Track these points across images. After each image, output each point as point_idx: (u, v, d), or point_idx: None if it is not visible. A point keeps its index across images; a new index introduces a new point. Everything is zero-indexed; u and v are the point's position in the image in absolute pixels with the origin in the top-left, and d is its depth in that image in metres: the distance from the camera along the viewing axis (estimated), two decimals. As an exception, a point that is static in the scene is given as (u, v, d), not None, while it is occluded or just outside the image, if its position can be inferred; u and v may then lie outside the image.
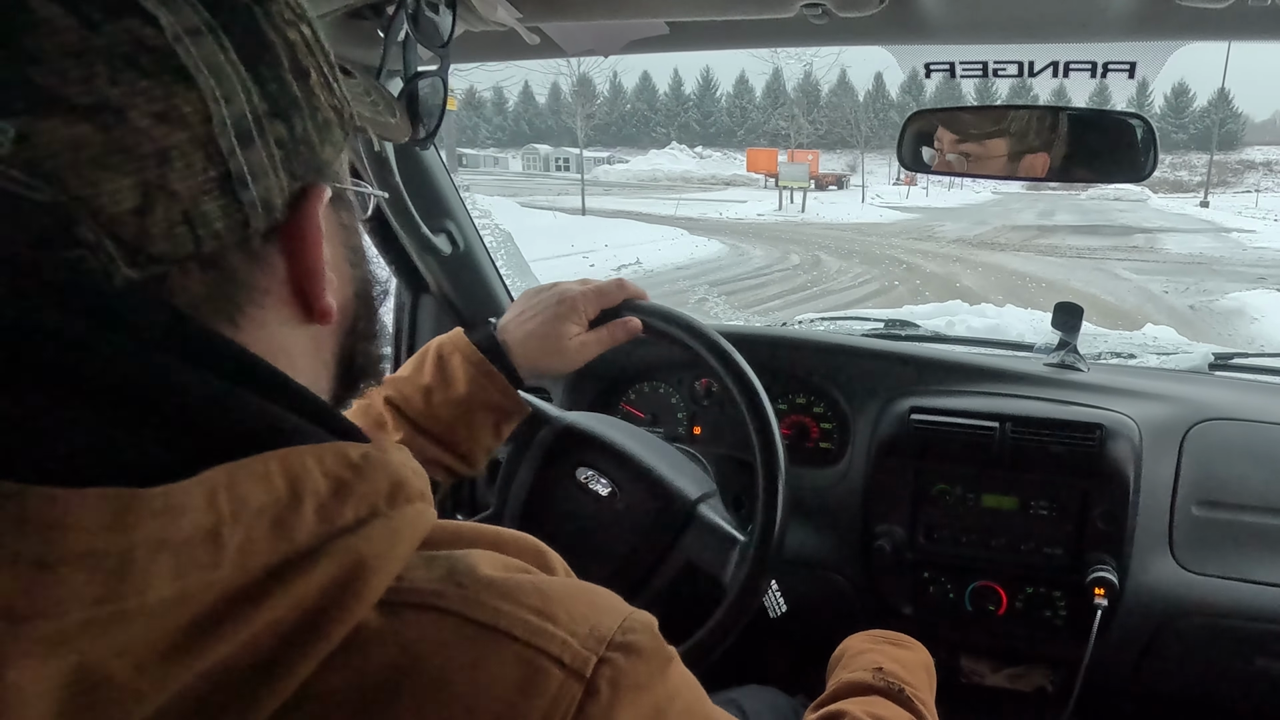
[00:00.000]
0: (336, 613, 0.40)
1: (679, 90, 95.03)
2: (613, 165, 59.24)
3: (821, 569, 1.61)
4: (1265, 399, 1.57)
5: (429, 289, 1.71)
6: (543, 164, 67.57)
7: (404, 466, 0.46)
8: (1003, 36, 1.05)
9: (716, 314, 9.67)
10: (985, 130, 1.24)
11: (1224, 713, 1.69)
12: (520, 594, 0.45)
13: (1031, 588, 1.50)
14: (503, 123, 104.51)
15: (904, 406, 1.54)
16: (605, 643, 0.46)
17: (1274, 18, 0.87)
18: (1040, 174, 1.24)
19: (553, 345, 1.07)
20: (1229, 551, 1.44)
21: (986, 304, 3.56)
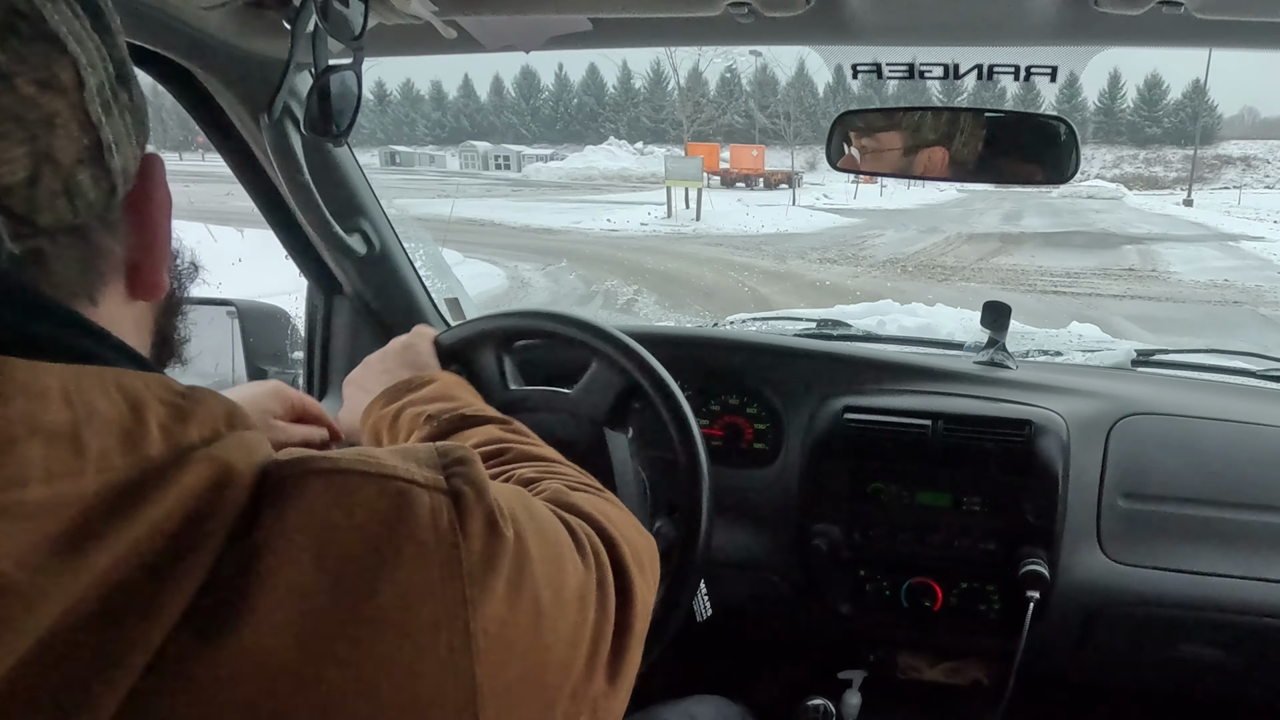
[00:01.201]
0: (218, 510, 0.42)
1: (629, 84, 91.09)
2: (547, 164, 55.08)
3: (759, 570, 1.63)
4: (1186, 394, 1.66)
5: (343, 290, 1.68)
6: (481, 162, 65.47)
7: (232, 401, 0.48)
8: (929, 39, 1.06)
9: (646, 314, 9.32)
10: (878, 125, 1.27)
11: (1151, 698, 1.84)
12: (349, 451, 0.49)
13: (966, 583, 1.55)
14: (442, 119, 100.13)
15: (838, 406, 1.57)
16: (437, 464, 0.50)
17: (1187, 25, 0.91)
18: (941, 169, 1.26)
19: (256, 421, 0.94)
20: (1154, 542, 1.51)
21: (917, 303, 3.46)
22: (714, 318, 2.63)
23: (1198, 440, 1.55)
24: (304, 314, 1.76)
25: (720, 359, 1.72)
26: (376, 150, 79.50)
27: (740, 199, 29.78)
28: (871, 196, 33.75)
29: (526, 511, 0.56)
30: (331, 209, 1.40)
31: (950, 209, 31.77)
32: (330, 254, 1.58)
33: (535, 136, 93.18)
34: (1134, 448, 1.55)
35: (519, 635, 0.50)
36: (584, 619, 0.57)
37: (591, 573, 0.60)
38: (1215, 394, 1.69)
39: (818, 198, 33.14)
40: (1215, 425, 1.56)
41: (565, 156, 60.88)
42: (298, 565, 0.42)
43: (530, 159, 62.42)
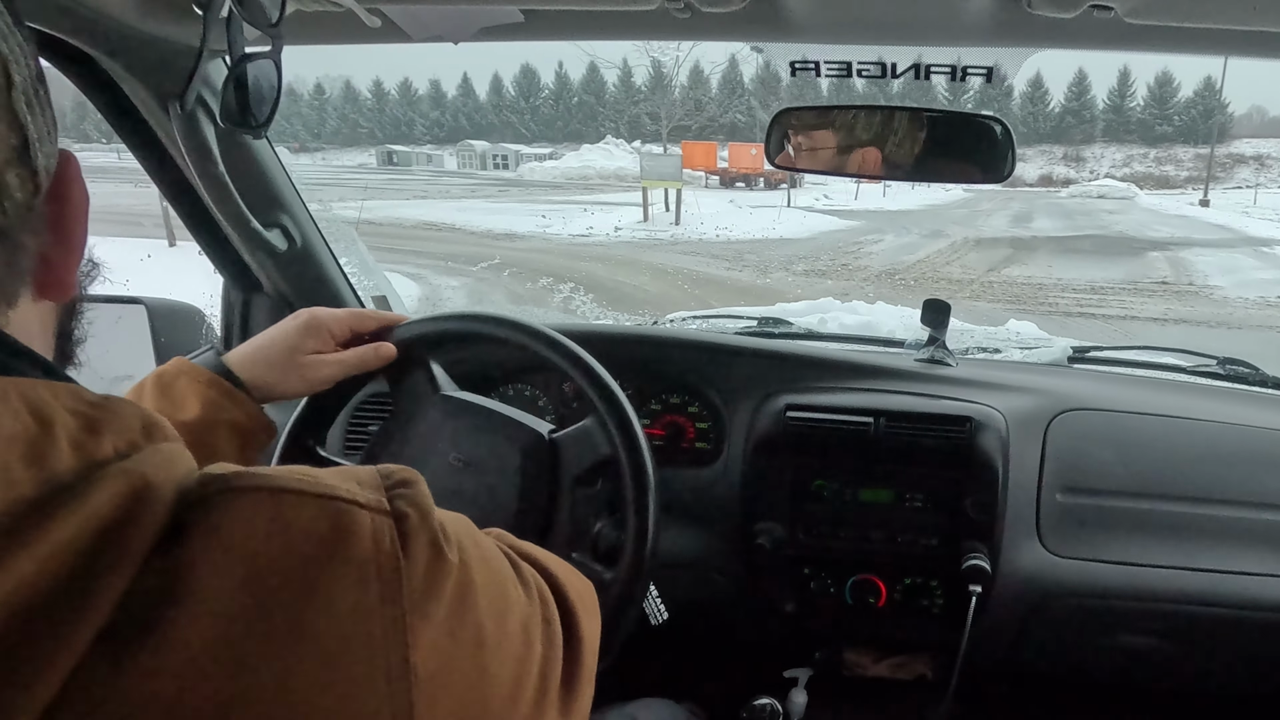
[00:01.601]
0: (134, 527, 0.40)
1: (629, 82, 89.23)
2: (542, 163, 53.34)
3: (702, 570, 1.63)
4: (1120, 389, 1.70)
5: (262, 288, 1.65)
6: (479, 161, 65.26)
7: (153, 412, 0.47)
8: (866, 37, 1.07)
9: (584, 313, 8.56)
10: (816, 123, 1.28)
11: (1091, 687, 1.91)
12: (284, 471, 0.47)
13: (909, 578, 1.57)
14: (440, 118, 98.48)
15: (779, 404, 1.58)
16: (380, 485, 0.49)
17: (1118, 29, 0.92)
18: (874, 169, 1.28)
19: (283, 362, 1.04)
20: (1092, 535, 1.54)
21: (858, 301, 3.49)
22: (653, 316, 2.46)
23: (1132, 435, 1.59)
24: (220, 313, 1.71)
25: (660, 357, 1.69)
26: (374, 150, 78.06)
27: (733, 200, 27.60)
28: (873, 197, 31.72)
29: (471, 538, 0.55)
30: (249, 203, 1.37)
31: (955, 210, 29.84)
32: (248, 250, 1.53)
33: (535, 136, 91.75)
34: (1071, 443, 1.58)
35: (460, 665, 0.48)
36: (529, 652, 0.56)
37: (535, 606, 0.59)
38: (1148, 389, 1.73)
39: (817, 198, 30.96)
40: (1148, 420, 1.61)
41: (563, 156, 59.26)
42: (222, 588, 0.40)
43: (528, 158, 61.29)
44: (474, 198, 28.79)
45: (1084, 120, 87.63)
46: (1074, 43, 1.02)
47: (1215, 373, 1.84)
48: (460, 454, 1.13)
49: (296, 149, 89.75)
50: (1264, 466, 1.55)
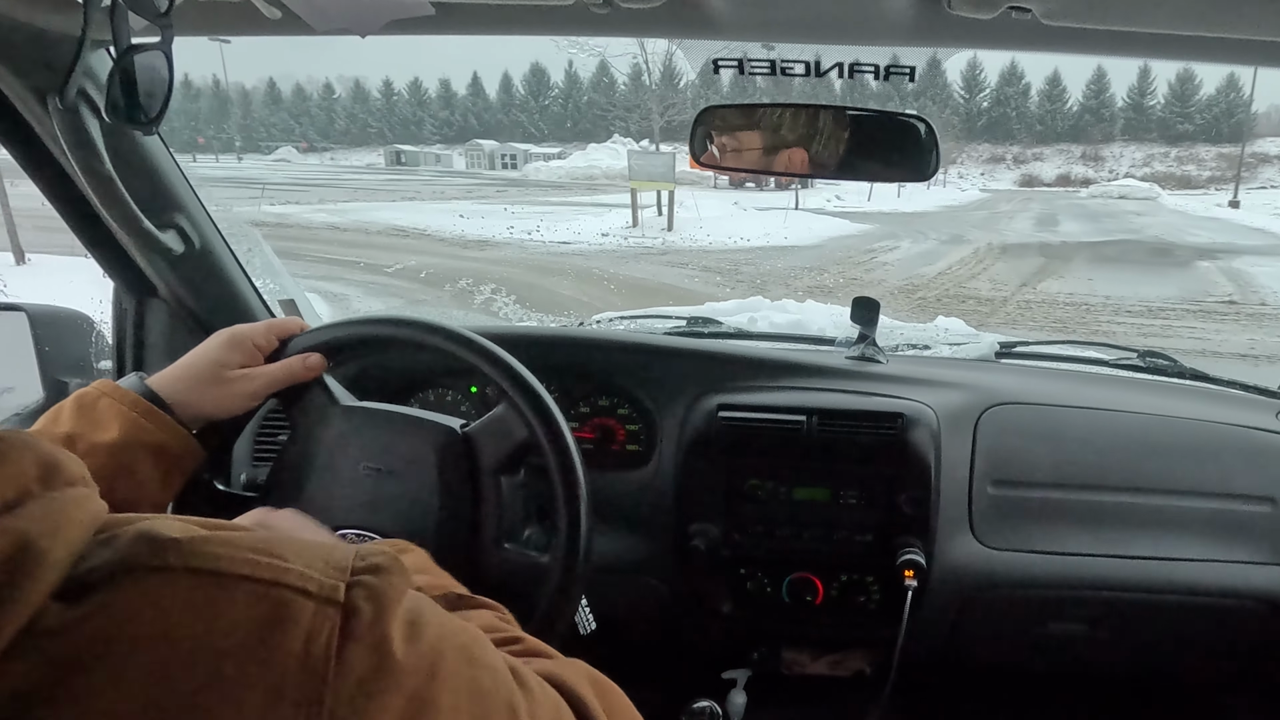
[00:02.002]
0: (7, 599, 0.36)
1: (639, 80, 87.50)
2: (548, 163, 51.76)
3: (636, 574, 1.62)
4: (1046, 383, 1.73)
5: (157, 292, 1.57)
6: (487, 161, 64.52)
7: (56, 451, 0.44)
8: (788, 35, 1.06)
9: (506, 314, 7.88)
10: (737, 123, 1.27)
11: (1024, 675, 1.93)
12: (237, 541, 0.43)
13: (846, 575, 1.58)
14: (450, 117, 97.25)
15: (711, 404, 1.57)
16: (348, 570, 0.45)
17: (1035, 30, 0.93)
18: (800, 169, 1.28)
19: (210, 380, 1.02)
20: (1022, 527, 1.58)
21: (788, 299, 3.44)
22: (579, 316, 2.41)
23: (1058, 427, 1.61)
24: (111, 319, 1.62)
25: (588, 359, 1.67)
26: (382, 149, 76.89)
27: (738, 201, 25.44)
28: (888, 198, 29.73)
29: (463, 656, 0.49)
30: (141, 203, 1.31)
31: (973, 211, 28.80)
32: (141, 252, 1.46)
33: (544, 135, 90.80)
34: (1000, 436, 1.60)
35: None
36: None
37: None
38: (1073, 383, 1.76)
39: (829, 199, 28.95)
40: (1074, 412, 1.64)
41: (570, 155, 57.67)
42: (113, 687, 0.36)
43: (537, 158, 59.69)
44: (469, 199, 27.25)
45: (1103, 119, 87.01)
46: (994, 43, 1.03)
47: (1136, 365, 1.89)
48: (372, 462, 1.09)
49: (305, 149, 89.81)
50: (1183, 455, 1.60)
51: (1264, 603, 1.57)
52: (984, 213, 27.90)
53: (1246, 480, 1.59)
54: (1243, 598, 1.57)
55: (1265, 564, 1.57)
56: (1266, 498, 1.58)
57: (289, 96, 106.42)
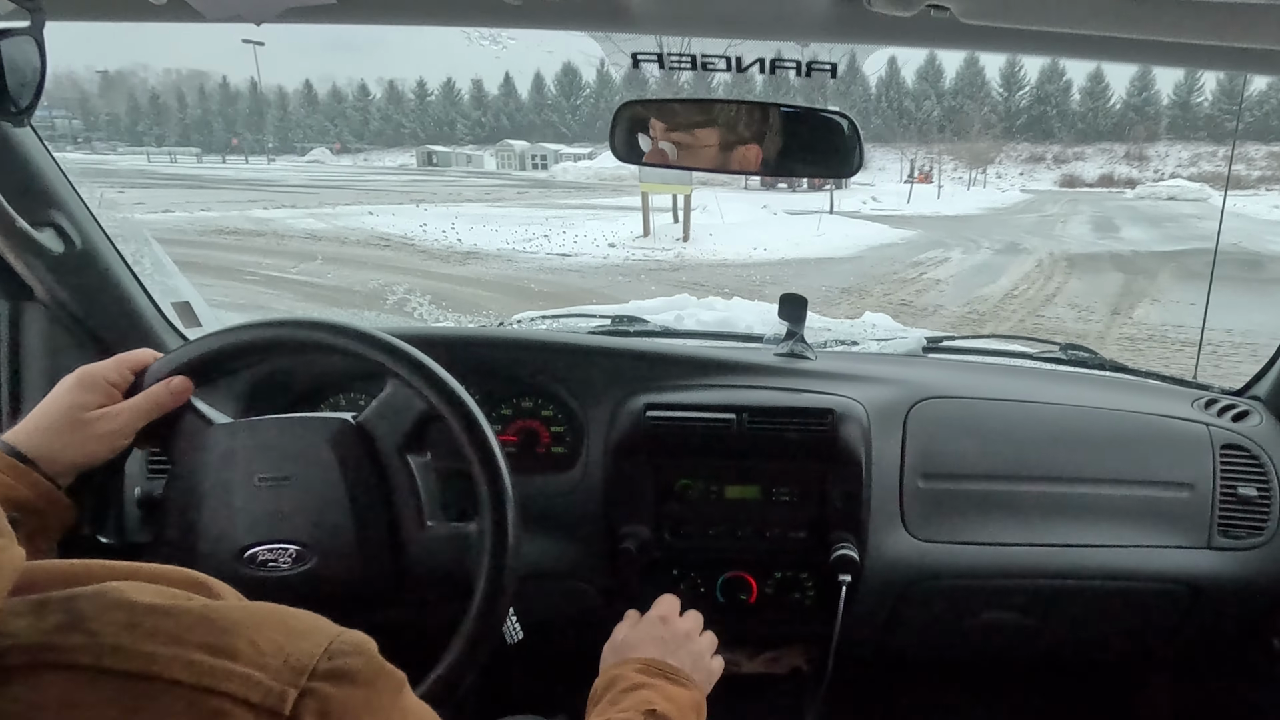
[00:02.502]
0: None
1: (672, 78, 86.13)
2: (575, 163, 50.49)
3: (565, 579, 1.59)
4: (972, 377, 1.74)
5: (34, 296, 1.49)
6: (517, 161, 63.49)
7: None
8: (707, 30, 1.04)
9: (421, 315, 7.17)
10: (695, 120, 1.25)
11: (959, 664, 1.99)
12: (182, 629, 0.39)
13: (780, 573, 1.58)
14: (482, 118, 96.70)
15: (638, 404, 1.54)
16: (306, 672, 0.41)
17: (954, 29, 0.92)
18: (754, 166, 1.26)
19: (68, 426, 0.95)
20: (952, 519, 1.59)
21: (714, 297, 3.23)
22: (498, 316, 2.34)
23: (985, 420, 1.64)
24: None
25: (509, 360, 1.63)
26: (414, 150, 76.46)
27: (767, 205, 22.93)
28: (927, 200, 27.66)
29: None
30: (14, 200, 1.26)
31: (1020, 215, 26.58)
32: (14, 253, 1.39)
33: (575, 135, 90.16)
34: (929, 430, 1.61)
35: None
36: None
37: None
38: (999, 376, 1.78)
39: (864, 201, 26.89)
40: (1000, 405, 1.66)
41: (599, 156, 56.24)
42: None
43: (567, 158, 58.38)
44: (484, 200, 25.62)
45: (1147, 117, 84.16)
46: (913, 41, 1.02)
47: (1058, 358, 1.92)
48: (266, 473, 1.05)
49: (338, 150, 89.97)
50: (1105, 444, 1.63)
51: (1183, 584, 1.62)
52: (1032, 216, 25.98)
53: (1166, 467, 1.64)
54: (1164, 580, 1.62)
55: (1184, 548, 1.62)
56: (1185, 484, 1.63)
57: (325, 98, 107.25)
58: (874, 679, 2.01)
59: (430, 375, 1.03)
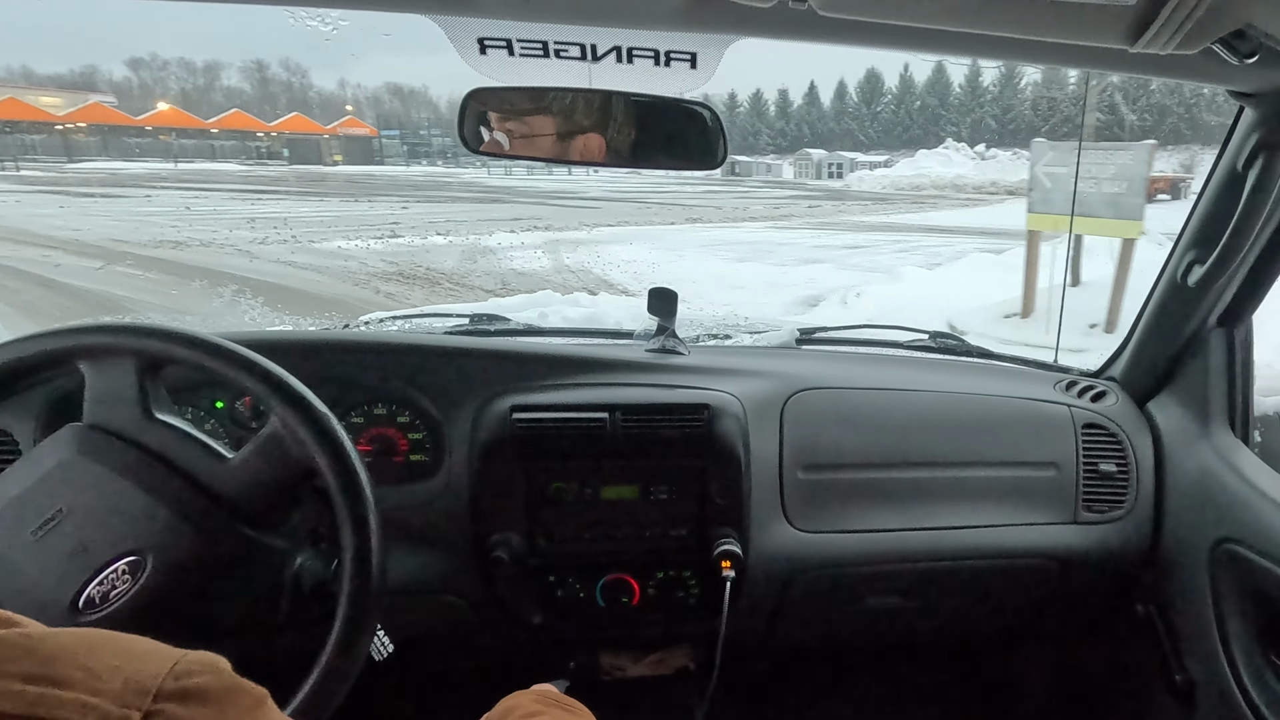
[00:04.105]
0: None
1: (975, 81, 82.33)
2: (872, 171, 49.16)
3: (432, 593, 1.53)
4: (845, 367, 1.77)
5: None
6: (814, 170, 61.47)
7: None
8: (558, 16, 1.03)
9: (253, 318, 6.80)
10: (528, 107, 1.21)
11: (846, 651, 2.05)
12: (12, 659, 0.36)
13: (662, 572, 1.57)
14: (785, 127, 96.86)
15: (504, 406, 1.49)
16: (150, 694, 0.38)
17: (812, 21, 0.94)
18: (597, 156, 1.23)
19: None
20: (832, 508, 1.61)
21: (580, 293, 3.40)
22: (344, 319, 2.18)
23: (859, 409, 1.67)
24: None
25: (357, 364, 1.54)
26: None
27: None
28: None
29: None
30: None
31: None
32: None
33: (872, 142, 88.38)
34: (806, 422, 1.63)
35: None
36: None
37: None
38: (871, 365, 1.82)
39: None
40: (873, 394, 1.69)
41: (896, 163, 54.47)
42: None
43: (863, 166, 57.25)
44: (768, 219, 22.04)
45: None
46: (772, 32, 1.03)
47: (928, 346, 1.97)
48: (35, 524, 0.93)
49: None
50: (974, 428, 1.68)
51: (1054, 559, 1.69)
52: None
53: (1032, 448, 1.70)
54: (1036, 556, 1.68)
55: (1053, 524, 1.69)
56: (1050, 463, 1.70)
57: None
58: (762, 672, 2.05)
59: (238, 357, 0.99)
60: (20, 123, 51.38)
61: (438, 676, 1.73)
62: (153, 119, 63.82)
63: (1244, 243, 1.36)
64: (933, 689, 2.20)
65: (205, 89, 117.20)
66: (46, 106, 54.83)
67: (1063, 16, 0.86)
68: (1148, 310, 1.74)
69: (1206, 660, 1.56)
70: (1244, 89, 1.24)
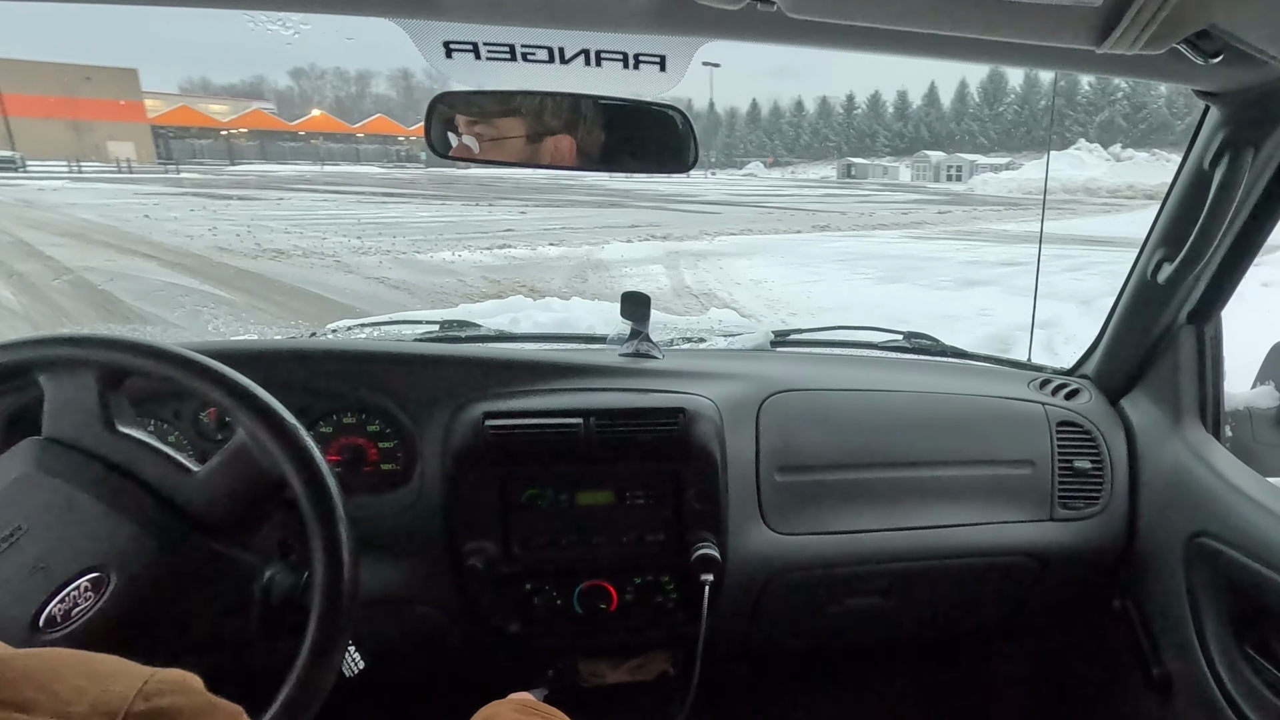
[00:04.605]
0: None
1: (1106, 80, 78.89)
2: (997, 174, 47.56)
3: (406, 604, 1.51)
4: (821, 369, 1.76)
5: None
6: (932, 173, 61.25)
7: None
8: (524, 19, 1.01)
9: (217, 328, 6.87)
10: (496, 110, 1.19)
11: (826, 652, 2.01)
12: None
13: (640, 578, 1.55)
14: (902, 129, 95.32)
15: (476, 413, 1.47)
16: (119, 716, 0.37)
17: (781, 23, 0.94)
18: (568, 159, 1.22)
19: None
20: (810, 510, 1.60)
21: (552, 298, 3.12)
22: (310, 327, 2.20)
23: (835, 410, 1.66)
24: None
25: (325, 373, 1.51)
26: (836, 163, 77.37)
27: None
28: None
29: None
30: None
31: None
32: None
33: (993, 144, 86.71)
34: (782, 423, 1.62)
35: None
36: None
37: None
38: (846, 366, 1.81)
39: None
40: (848, 395, 1.68)
41: (1021, 166, 52.43)
42: None
43: (983, 169, 55.61)
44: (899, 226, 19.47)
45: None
46: (741, 34, 1.02)
47: (903, 346, 1.97)
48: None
49: (770, 164, 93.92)
50: (950, 428, 1.68)
51: (1031, 555, 1.69)
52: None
53: (1008, 446, 1.70)
54: (1013, 553, 1.68)
55: (1029, 521, 1.68)
56: (1026, 461, 1.70)
57: (767, 116, 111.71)
58: (742, 676, 2.03)
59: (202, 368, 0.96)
60: (190, 128, 55.52)
61: (413, 688, 1.75)
62: (305, 124, 67.17)
63: (1211, 240, 1.37)
64: (913, 688, 2.21)
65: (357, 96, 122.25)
66: (213, 113, 58.46)
67: (1029, 18, 0.87)
68: (1119, 308, 1.74)
69: (1183, 653, 1.57)
70: (1209, 88, 1.25)
